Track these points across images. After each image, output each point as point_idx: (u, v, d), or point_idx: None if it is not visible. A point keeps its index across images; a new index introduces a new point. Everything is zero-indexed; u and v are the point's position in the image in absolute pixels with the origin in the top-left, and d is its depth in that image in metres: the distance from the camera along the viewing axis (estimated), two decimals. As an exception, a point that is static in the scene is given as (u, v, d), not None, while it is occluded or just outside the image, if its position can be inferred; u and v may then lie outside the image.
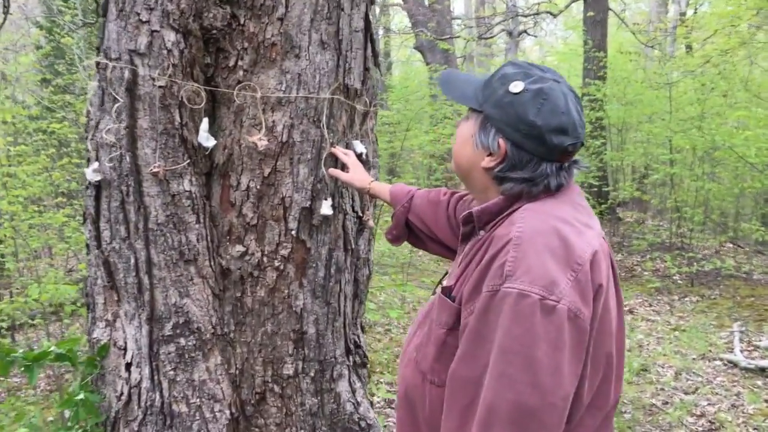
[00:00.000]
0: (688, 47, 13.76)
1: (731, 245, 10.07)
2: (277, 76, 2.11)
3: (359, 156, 2.32)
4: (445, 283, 1.54)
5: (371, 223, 2.44)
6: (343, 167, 2.23)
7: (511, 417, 1.20)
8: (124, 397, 2.15)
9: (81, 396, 2.15)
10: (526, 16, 13.66)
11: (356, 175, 2.17)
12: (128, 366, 2.15)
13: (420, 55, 14.51)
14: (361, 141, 2.35)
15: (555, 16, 12.24)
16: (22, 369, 2.18)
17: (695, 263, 8.37)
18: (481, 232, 1.45)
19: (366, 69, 2.33)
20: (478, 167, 1.46)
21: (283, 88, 2.11)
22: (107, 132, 2.01)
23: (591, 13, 11.55)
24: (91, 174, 2.05)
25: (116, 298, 2.15)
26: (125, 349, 2.15)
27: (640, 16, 19.25)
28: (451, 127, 11.66)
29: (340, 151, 2.21)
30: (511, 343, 1.20)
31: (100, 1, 6.17)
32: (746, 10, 8.82)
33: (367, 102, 2.37)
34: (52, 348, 2.20)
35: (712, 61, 9.52)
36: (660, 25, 14.57)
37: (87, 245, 2.20)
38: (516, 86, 1.37)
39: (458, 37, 13.95)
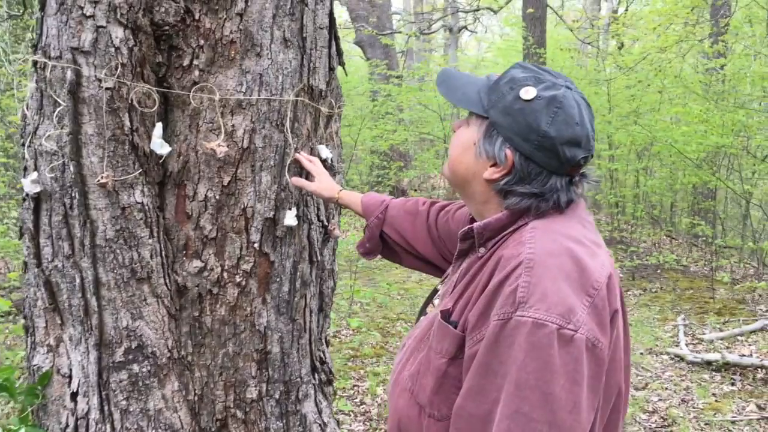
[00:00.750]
0: (620, 45, 14.05)
1: (666, 238, 10.33)
2: (237, 76, 1.94)
3: (324, 161, 2.17)
4: (438, 304, 1.42)
5: (337, 232, 2.30)
6: (308, 175, 2.08)
7: None
8: (69, 430, 1.95)
9: (21, 431, 1.94)
10: (466, 12, 13.68)
11: (323, 183, 2.02)
12: (74, 395, 1.94)
13: (360, 50, 14.37)
14: (326, 145, 2.21)
15: (496, 12, 12.28)
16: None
17: (635, 257, 8.53)
18: (482, 250, 1.33)
19: (331, 69, 2.18)
20: (479, 178, 1.34)
21: (243, 90, 1.94)
22: (47, 139, 1.81)
23: (530, 10, 11.64)
24: (30, 185, 1.84)
25: (59, 322, 1.94)
26: (70, 377, 1.95)
27: (575, 13, 19.59)
28: (393, 123, 11.58)
29: (304, 157, 2.06)
30: (527, 378, 1.09)
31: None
32: (682, 7, 9.02)
33: (332, 104, 2.22)
34: (-14, 378, 1.98)
35: (648, 58, 9.71)
36: (597, 23, 14.83)
37: (25, 263, 1.98)
38: (527, 92, 1.25)
39: (399, 32, 13.87)
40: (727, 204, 9.96)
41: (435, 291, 1.57)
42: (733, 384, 4.96)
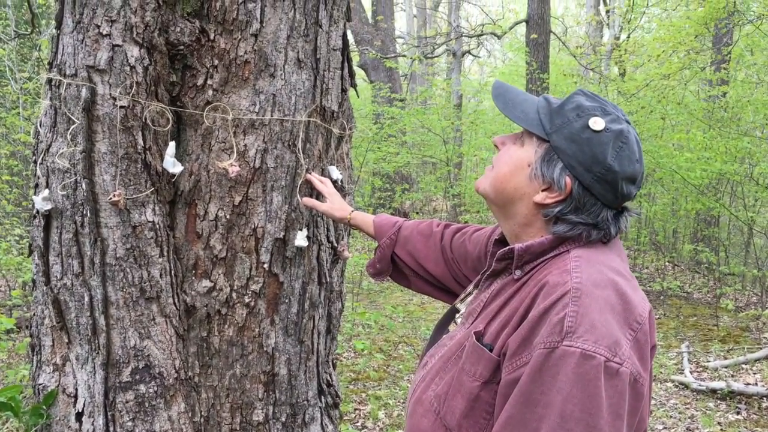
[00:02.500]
0: (622, 72, 14.14)
1: (669, 264, 10.31)
2: (250, 96, 1.94)
3: (334, 182, 2.17)
4: (463, 323, 1.39)
5: (347, 253, 2.28)
6: (319, 196, 2.07)
7: None
8: (73, 451, 1.92)
9: (24, 451, 1.92)
10: (470, 37, 13.78)
11: (335, 204, 2.01)
12: (79, 416, 1.92)
13: (363, 73, 14.47)
14: (337, 166, 2.20)
15: (499, 37, 12.37)
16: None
17: (638, 283, 8.49)
18: (518, 272, 1.31)
19: (343, 90, 2.19)
20: (527, 200, 1.32)
21: (256, 110, 1.94)
22: (60, 156, 1.80)
23: (534, 36, 11.74)
24: (41, 202, 1.83)
25: (66, 340, 1.92)
26: (76, 397, 1.93)
27: (578, 39, 19.75)
28: (396, 145, 11.61)
29: (315, 178, 2.05)
30: (573, 409, 1.06)
31: (35, 11, 5.84)
32: (686, 35, 9.09)
33: (344, 125, 2.22)
34: (-9, 397, 1.96)
35: (651, 84, 9.76)
36: (600, 49, 14.94)
37: (33, 281, 1.97)
38: (596, 123, 1.25)
39: (404, 56, 13.97)
40: (730, 231, 9.94)
41: (454, 310, 1.54)
42: (738, 413, 4.91)
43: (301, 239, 2.04)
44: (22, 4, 9.49)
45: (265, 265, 2.01)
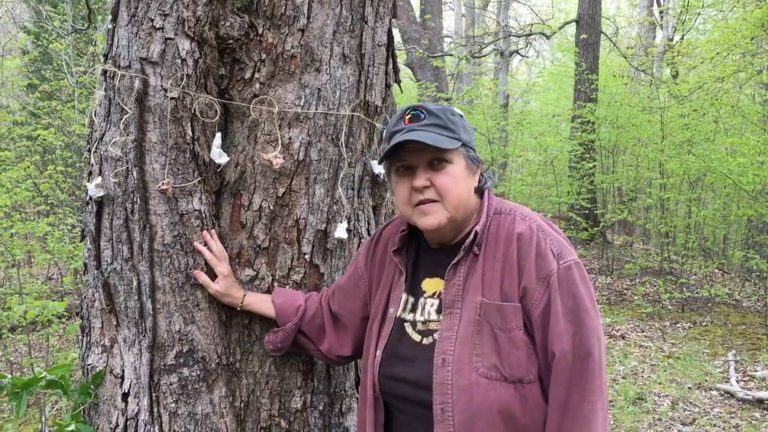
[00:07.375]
0: (675, 74, 13.84)
1: (718, 271, 10.06)
2: (296, 90, 1.98)
3: (376, 177, 2.20)
4: (447, 313, 1.62)
5: (386, 247, 2.31)
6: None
7: (603, 362, 1.51)
8: (119, 430, 1.99)
9: (72, 427, 1.99)
10: (518, 37, 13.67)
11: (226, 287, 1.95)
12: (125, 396, 1.99)
13: (410, 72, 14.48)
14: (379, 162, 2.23)
15: (548, 37, 12.24)
16: (10, 397, 2.01)
17: (685, 289, 8.33)
18: (476, 248, 1.62)
19: (387, 86, 2.22)
20: (472, 191, 1.68)
21: (301, 104, 1.98)
22: (113, 145, 1.87)
23: (584, 36, 11.60)
24: (94, 189, 1.91)
25: (115, 323, 2.00)
26: (122, 378, 2.00)
27: (628, 40, 19.41)
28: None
29: (216, 253, 1.95)
30: (591, 302, 1.54)
31: (92, 7, 6.01)
32: (741, 37, 8.87)
33: (387, 120, 2.25)
34: (43, 374, 2.04)
35: (704, 87, 9.55)
36: (652, 50, 14.66)
37: (85, 264, 2.05)
38: (455, 110, 1.70)
39: (451, 55, 13.93)
40: (783, 238, 9.66)
41: (401, 320, 1.74)
42: (785, 424, 4.79)
43: (341, 231, 2.08)
44: (80, 0, 9.79)
45: (307, 256, 2.05)
